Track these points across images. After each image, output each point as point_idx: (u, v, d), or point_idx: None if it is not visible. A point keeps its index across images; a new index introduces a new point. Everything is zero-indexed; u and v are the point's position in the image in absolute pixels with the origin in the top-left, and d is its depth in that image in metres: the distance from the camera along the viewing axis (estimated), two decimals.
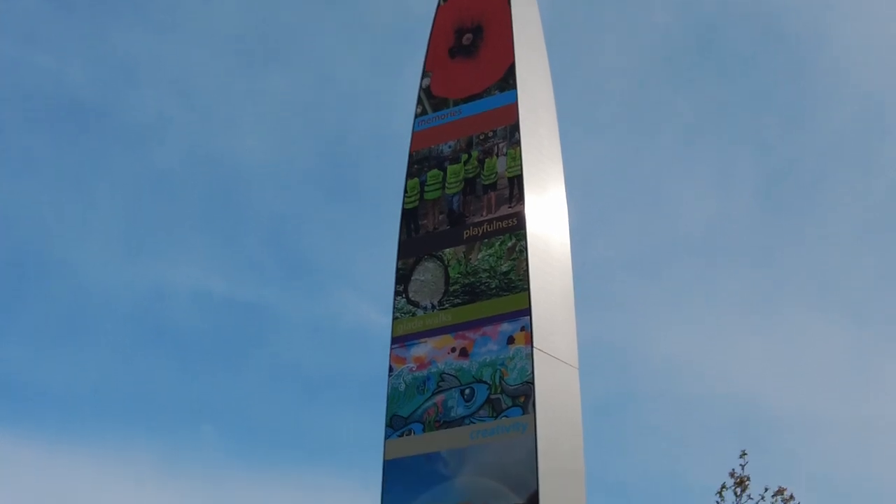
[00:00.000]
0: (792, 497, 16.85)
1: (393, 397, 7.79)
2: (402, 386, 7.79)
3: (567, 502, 7.22)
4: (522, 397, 7.32)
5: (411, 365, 7.84)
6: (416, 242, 8.25)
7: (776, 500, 16.75)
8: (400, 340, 7.96)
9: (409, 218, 8.35)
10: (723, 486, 16.73)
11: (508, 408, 7.34)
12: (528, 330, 7.49)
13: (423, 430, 7.56)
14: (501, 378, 7.45)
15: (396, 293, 8.15)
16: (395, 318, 8.05)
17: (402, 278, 8.17)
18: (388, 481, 7.53)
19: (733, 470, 17.20)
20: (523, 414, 7.27)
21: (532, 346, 7.44)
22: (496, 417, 7.35)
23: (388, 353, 7.95)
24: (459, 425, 7.44)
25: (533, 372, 7.36)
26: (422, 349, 7.84)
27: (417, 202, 8.37)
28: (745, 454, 16.71)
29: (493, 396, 7.43)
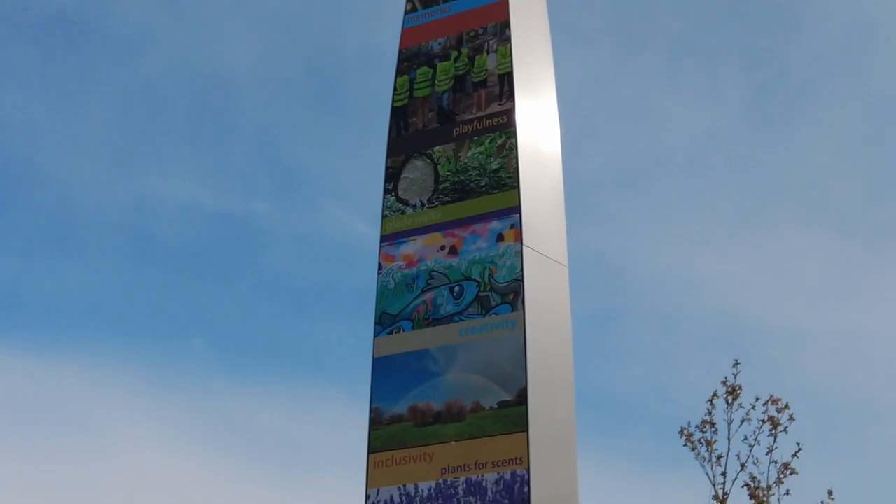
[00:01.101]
0: (787, 407, 16.93)
1: (382, 295, 7.76)
2: (392, 284, 7.76)
3: (555, 399, 7.23)
4: (511, 295, 7.30)
5: (400, 263, 7.81)
6: (405, 140, 8.18)
7: (768, 409, 16.84)
8: (389, 238, 7.92)
9: (399, 116, 8.27)
10: (714, 395, 16.82)
11: (497, 305, 7.32)
12: (517, 227, 7.45)
13: (413, 328, 7.55)
14: (491, 276, 7.42)
15: (386, 191, 8.09)
16: (384, 217, 8.01)
17: (392, 176, 8.11)
18: (377, 379, 7.53)
19: (725, 378, 17.25)
20: (512, 311, 7.26)
21: (521, 244, 7.41)
22: (485, 315, 7.34)
23: (377, 257, 7.91)
24: (448, 322, 7.43)
25: (522, 269, 7.33)
26: (411, 247, 7.81)
27: (407, 100, 8.29)
28: (737, 363, 16.77)
29: (482, 294, 7.41)
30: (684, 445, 16.91)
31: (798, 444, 16.99)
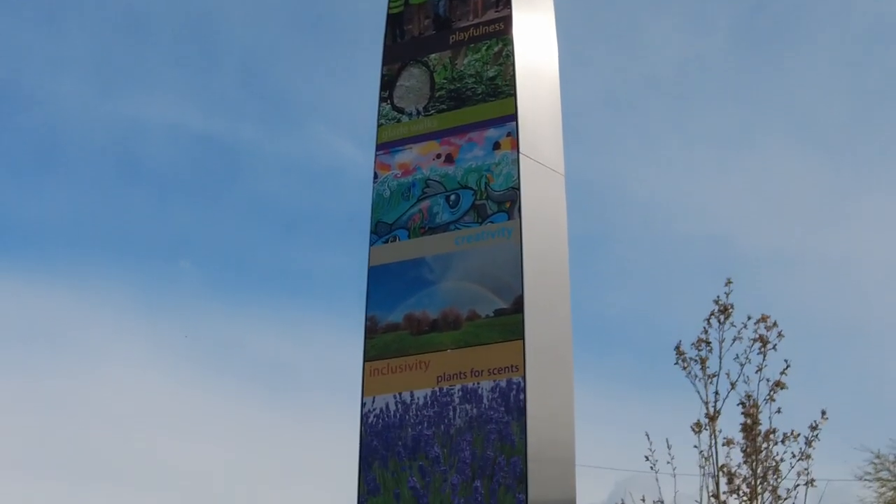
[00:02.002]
0: (775, 324, 17.00)
1: (377, 204, 7.72)
2: (387, 192, 7.71)
3: (552, 307, 7.22)
4: (508, 203, 7.26)
5: (396, 171, 7.75)
6: (401, 48, 8.08)
7: (759, 328, 16.91)
8: (384, 147, 7.86)
9: (394, 23, 8.16)
10: (711, 314, 16.74)
11: (494, 213, 7.28)
12: (514, 136, 7.39)
13: (408, 237, 7.51)
14: (487, 184, 7.37)
15: (381, 99, 8.01)
16: (379, 125, 7.94)
17: (387, 84, 8.02)
18: (372, 287, 7.51)
19: (718, 297, 17.30)
20: (509, 219, 7.22)
21: (518, 152, 7.35)
22: (481, 223, 7.30)
23: (373, 164, 7.84)
24: (444, 231, 7.39)
25: (519, 178, 7.29)
26: (406, 155, 7.75)
27: (403, 7, 8.17)
28: (730, 282, 16.79)
29: (478, 202, 7.37)
30: (676, 364, 16.97)
31: (786, 360, 17.07)
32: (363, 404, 7.28)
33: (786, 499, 16.95)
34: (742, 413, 16.95)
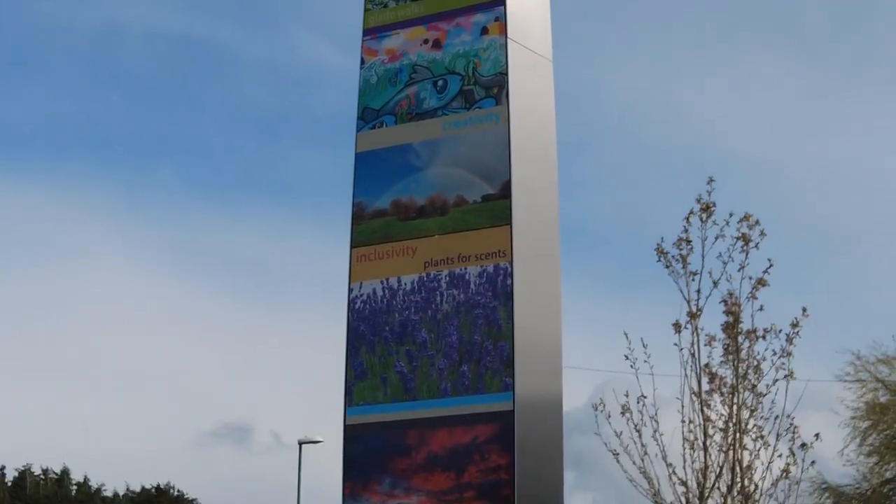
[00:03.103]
0: (757, 223, 17.07)
1: (364, 90, 7.65)
2: (374, 78, 7.65)
3: (539, 193, 7.21)
4: (496, 88, 7.21)
5: (383, 57, 7.68)
6: None
7: (741, 226, 16.99)
8: (372, 32, 7.77)
9: None
10: (690, 213, 16.85)
11: (481, 99, 7.24)
12: (502, 20, 7.31)
13: (395, 122, 7.47)
14: (475, 69, 7.31)
15: None
16: (366, 10, 7.84)
17: None
18: (359, 173, 7.48)
19: (700, 196, 17.33)
20: (496, 105, 7.17)
21: (506, 37, 7.27)
22: (469, 108, 7.26)
23: (360, 47, 7.75)
24: (432, 117, 7.35)
25: (507, 63, 7.22)
26: (394, 41, 7.67)
27: None
28: (712, 181, 16.81)
29: (466, 88, 7.31)
30: (658, 261, 17.06)
31: (769, 259, 17.17)
32: (350, 290, 7.29)
33: (765, 394, 17.18)
34: (724, 311, 17.10)
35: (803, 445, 18.33)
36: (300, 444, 46.04)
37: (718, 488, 17.20)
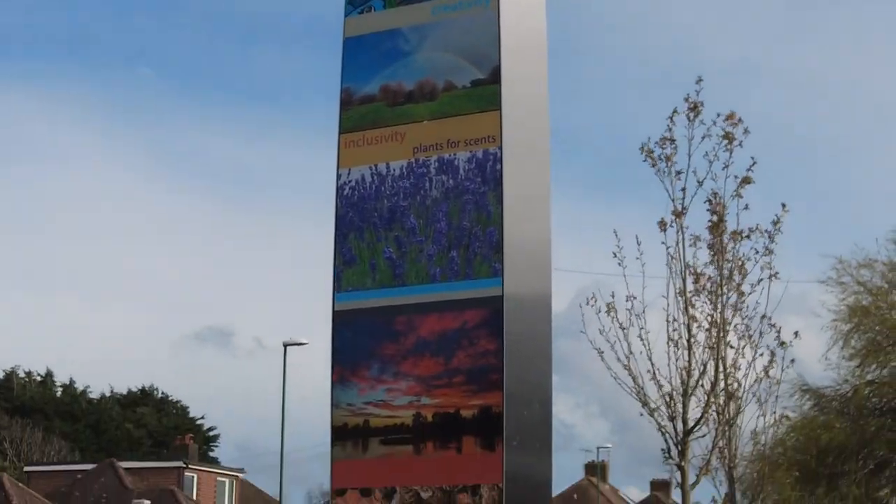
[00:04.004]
0: (741, 120, 17.00)
1: None
2: None
3: (529, 77, 7.14)
4: None
5: None
6: None
7: (726, 125, 16.93)
8: None
9: None
10: (674, 112, 16.81)
11: None
12: None
13: (384, 7, 7.34)
14: None
15: None
16: None
17: None
18: (347, 59, 7.38)
19: (688, 95, 17.26)
20: None
21: None
22: None
23: None
24: (421, 1, 7.23)
25: None
26: None
27: None
28: (700, 80, 16.73)
29: None
30: (644, 161, 17.04)
31: (752, 158, 17.20)
32: (338, 176, 7.24)
33: (750, 293, 17.30)
34: (709, 210, 17.14)
35: (783, 344, 18.54)
36: (285, 346, 46.42)
37: (702, 386, 17.43)
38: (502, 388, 6.49)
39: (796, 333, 18.39)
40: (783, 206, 17.06)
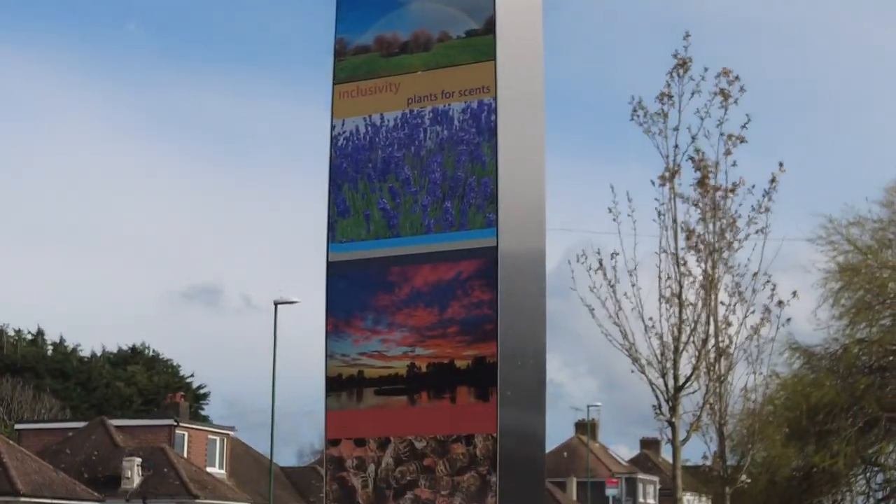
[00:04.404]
0: (737, 78, 16.92)
1: None
2: None
3: (524, 29, 7.10)
4: None
5: None
6: None
7: (719, 81, 16.83)
8: None
9: None
10: (677, 64, 16.57)
11: None
12: None
13: None
14: None
15: None
16: None
17: None
18: (341, 10, 7.30)
19: (676, 51, 17.18)
20: None
21: None
22: None
23: None
24: None
25: None
26: None
27: None
28: (688, 36, 16.64)
29: None
30: (632, 119, 16.94)
31: (747, 115, 17.16)
32: (332, 127, 7.21)
33: (738, 249, 17.31)
34: (694, 168, 17.09)
35: (780, 303, 18.54)
36: (276, 304, 46.43)
37: (693, 342, 17.49)
38: (496, 339, 6.49)
39: (794, 293, 18.42)
40: (780, 165, 17.04)
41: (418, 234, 6.83)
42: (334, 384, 6.91)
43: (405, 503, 6.62)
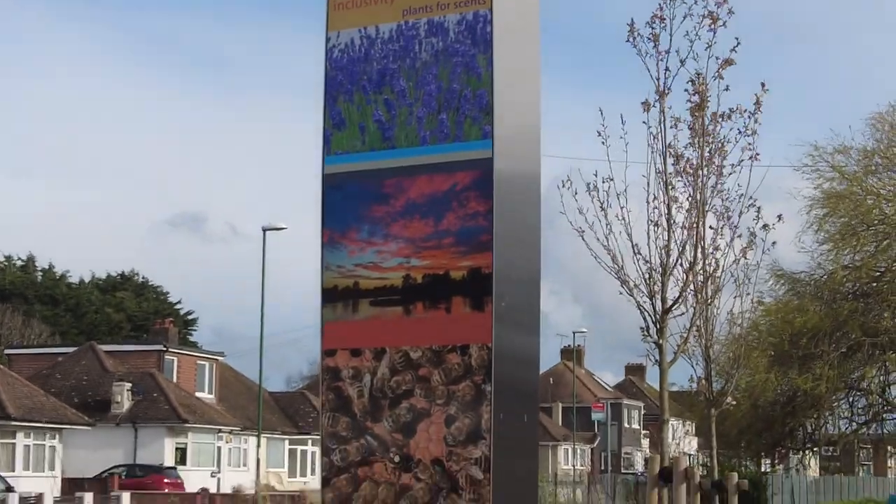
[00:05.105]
0: (725, 1, 16.88)
1: None
2: None
3: None
4: None
5: None
6: None
7: (708, 2, 16.78)
8: None
9: None
10: None
11: None
12: None
13: None
14: None
15: None
16: None
17: None
18: None
19: None
20: None
21: None
22: None
23: None
24: None
25: None
26: None
27: None
28: None
29: None
30: (627, 41, 16.94)
31: (737, 38, 17.14)
32: (328, 39, 7.19)
33: (730, 174, 17.40)
34: (687, 91, 17.11)
35: (765, 226, 18.74)
36: (264, 230, 46.51)
37: (681, 265, 17.62)
38: (492, 250, 6.55)
39: (780, 217, 18.54)
40: (762, 85, 17.09)
41: (413, 145, 6.86)
42: (330, 295, 6.97)
43: (401, 412, 6.71)
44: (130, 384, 53.50)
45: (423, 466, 6.62)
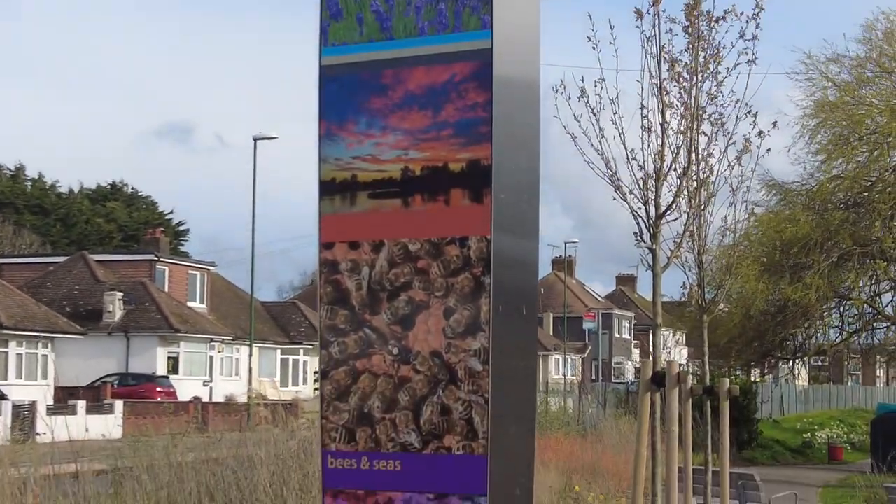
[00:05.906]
0: None
1: None
2: None
3: None
4: None
5: None
6: None
7: None
8: None
9: None
10: None
11: None
12: None
13: None
14: None
15: None
16: None
17: None
18: None
19: None
20: None
21: None
22: None
23: None
24: None
25: None
26: None
27: None
28: None
29: None
30: None
31: None
32: None
33: (726, 77, 17.28)
34: None
35: (760, 133, 18.65)
36: (255, 140, 46.29)
37: (675, 170, 17.56)
38: (491, 141, 6.49)
39: (774, 123, 18.44)
40: None
41: (412, 36, 6.76)
42: (328, 188, 6.92)
43: (399, 305, 6.70)
44: (122, 294, 53.56)
45: (421, 358, 6.63)
